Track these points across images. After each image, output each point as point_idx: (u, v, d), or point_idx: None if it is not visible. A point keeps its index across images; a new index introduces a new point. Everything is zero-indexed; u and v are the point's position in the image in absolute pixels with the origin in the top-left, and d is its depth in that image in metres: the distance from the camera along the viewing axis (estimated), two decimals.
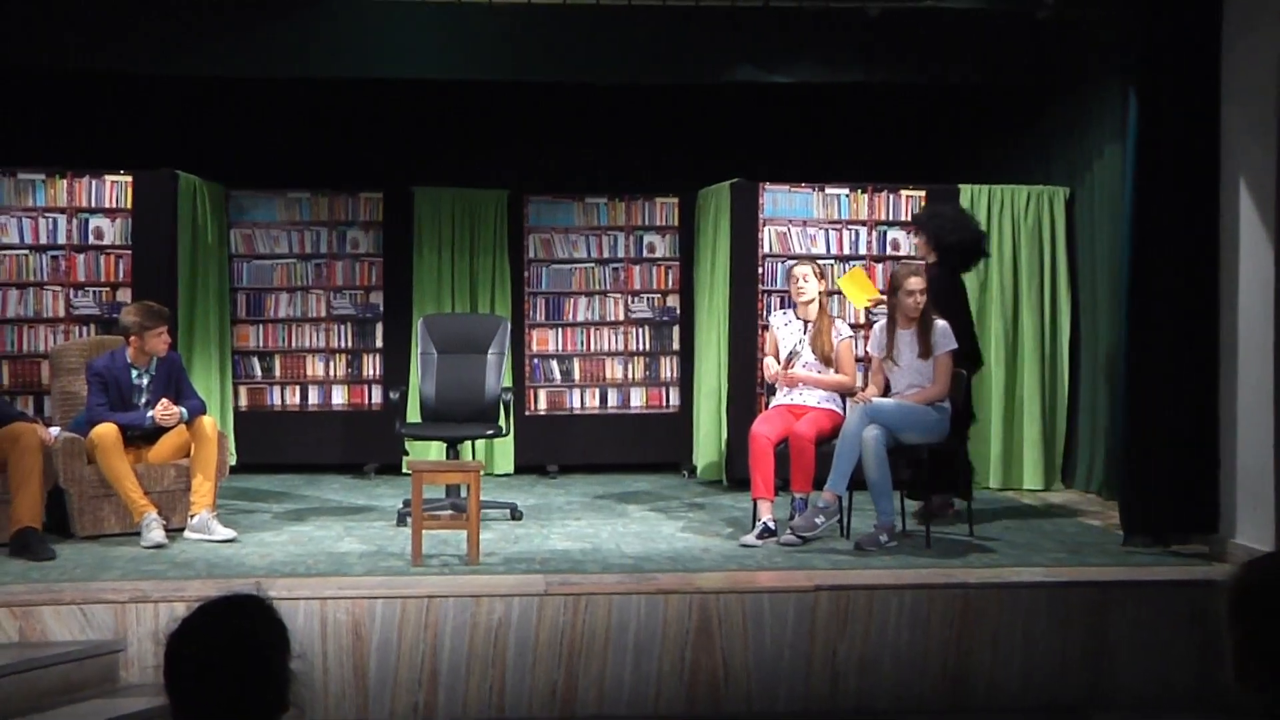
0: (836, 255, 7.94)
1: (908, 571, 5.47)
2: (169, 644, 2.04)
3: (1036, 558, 5.79)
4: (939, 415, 6.11)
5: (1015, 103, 8.54)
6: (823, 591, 5.14)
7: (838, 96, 8.72)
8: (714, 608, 5.07)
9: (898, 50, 7.59)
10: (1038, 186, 8.02)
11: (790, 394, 6.43)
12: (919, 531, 6.16)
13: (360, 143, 8.97)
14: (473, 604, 4.99)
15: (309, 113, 8.85)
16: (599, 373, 8.65)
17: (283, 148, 8.86)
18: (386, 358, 8.44)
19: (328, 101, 8.72)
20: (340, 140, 8.96)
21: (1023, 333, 7.93)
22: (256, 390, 8.44)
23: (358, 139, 8.98)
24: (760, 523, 6.09)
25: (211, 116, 8.78)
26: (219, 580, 5.21)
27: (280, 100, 8.68)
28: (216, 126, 8.81)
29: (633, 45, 7.50)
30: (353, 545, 5.99)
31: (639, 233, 8.67)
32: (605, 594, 5.06)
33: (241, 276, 8.40)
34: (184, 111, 8.73)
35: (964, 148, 9.15)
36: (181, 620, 2.05)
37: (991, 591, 5.23)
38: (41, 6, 7.11)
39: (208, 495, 6.05)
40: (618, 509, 7.15)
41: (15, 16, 7.11)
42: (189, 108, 8.70)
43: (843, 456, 5.97)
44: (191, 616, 2.06)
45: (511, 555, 5.78)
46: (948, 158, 9.15)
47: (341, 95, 8.61)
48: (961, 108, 9.00)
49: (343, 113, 8.87)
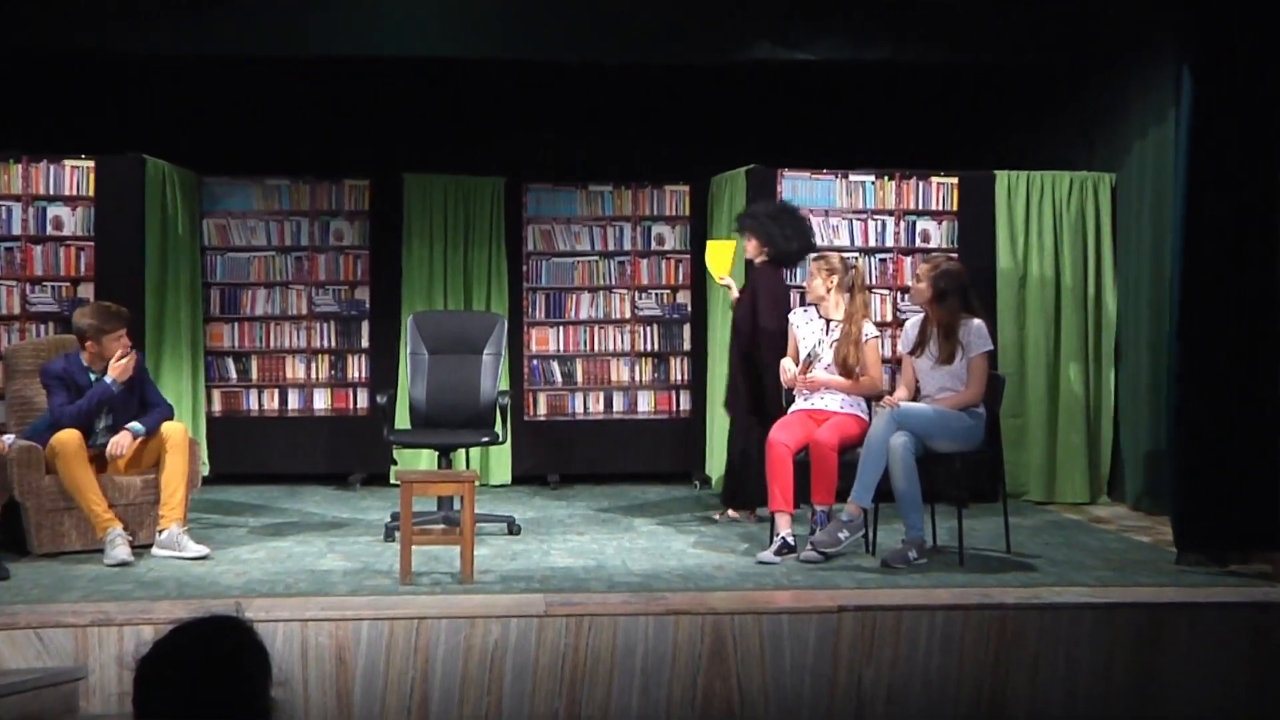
0: (861, 247, 7.94)
1: (940, 591, 5.45)
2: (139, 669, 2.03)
3: (1080, 576, 5.77)
4: (973, 421, 6.09)
5: (1053, 82, 8.52)
6: (847, 612, 5.12)
7: (863, 75, 8.71)
8: (728, 630, 5.05)
9: (928, 26, 7.57)
10: (1081, 173, 8.01)
11: (811, 398, 6.42)
12: (951, 547, 6.14)
13: (345, 125, 8.98)
14: (466, 626, 4.97)
15: (289, 93, 8.86)
16: (603, 375, 8.64)
17: (261, 131, 8.87)
18: (373, 359, 8.45)
19: (310, 80, 8.71)
20: (323, 123, 8.97)
21: (1065, 332, 7.92)
22: (231, 394, 8.44)
23: (342, 121, 8.98)
24: (778, 538, 6.08)
25: (183, 96, 8.78)
26: (190, 601, 5.18)
27: (258, 79, 8.68)
28: (188, 107, 8.81)
29: (640, 20, 7.49)
30: (336, 562, 5.98)
31: (647, 223, 8.67)
32: (610, 615, 5.04)
33: (215, 271, 8.41)
34: (152, 91, 8.73)
35: (998, 131, 9.14)
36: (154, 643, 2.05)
37: (1031, 613, 5.20)
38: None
39: (178, 508, 6.04)
40: (624, 523, 7.14)
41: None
42: (158, 87, 8.71)
43: (868, 466, 5.95)
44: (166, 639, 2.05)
45: (509, 573, 5.77)
46: (981, 141, 9.14)
47: (325, 73, 8.61)
48: (996, 88, 8.98)
49: (326, 93, 8.87)
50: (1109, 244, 7.95)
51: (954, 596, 5.34)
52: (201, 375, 8.27)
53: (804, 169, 7.92)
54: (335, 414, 8.51)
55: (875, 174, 7.98)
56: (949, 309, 6.14)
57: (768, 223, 6.99)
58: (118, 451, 6.05)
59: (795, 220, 7.08)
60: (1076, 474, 7.89)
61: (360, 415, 8.44)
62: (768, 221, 7.00)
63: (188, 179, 8.17)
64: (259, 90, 8.81)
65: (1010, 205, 7.96)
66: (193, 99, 8.80)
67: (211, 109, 8.84)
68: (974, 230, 7.97)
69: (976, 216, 7.98)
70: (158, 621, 4.79)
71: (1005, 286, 7.92)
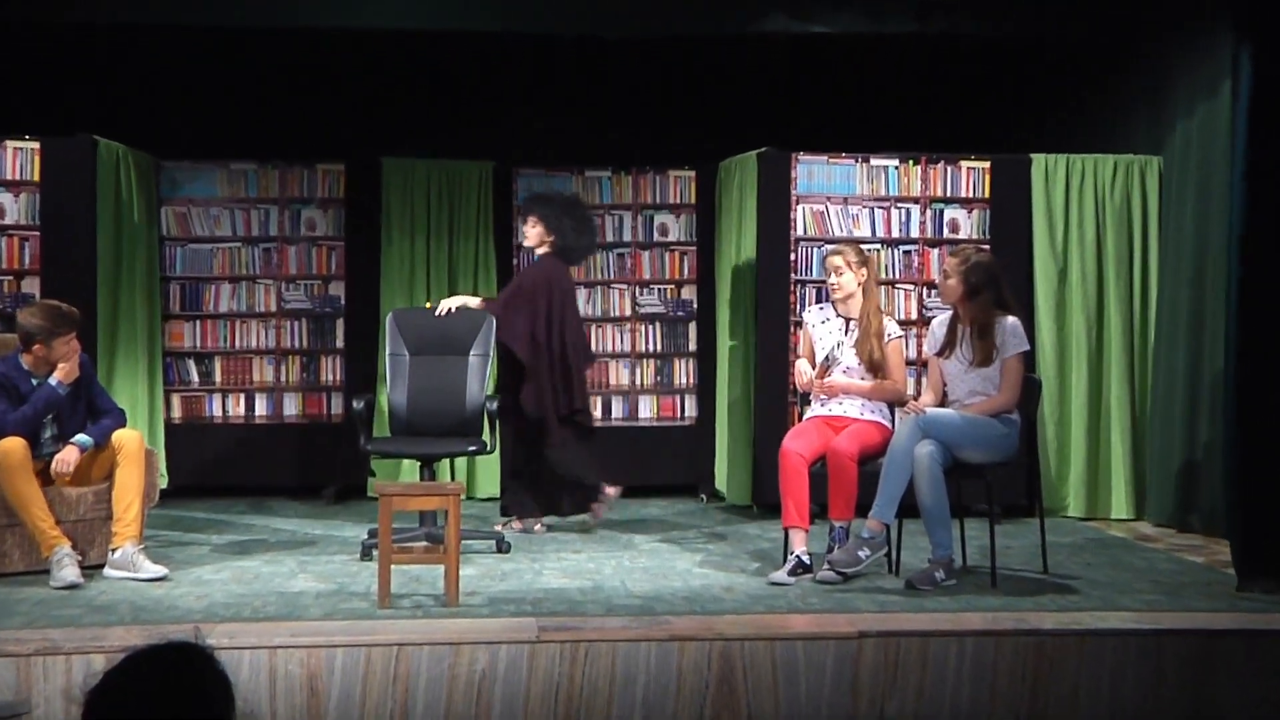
0: (884, 239, 7.93)
1: (970, 615, 5.44)
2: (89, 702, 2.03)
3: (1125, 600, 5.76)
4: (1006, 429, 6.08)
5: (1094, 55, 8.52)
6: (868, 639, 5.11)
7: (886, 50, 8.70)
8: (738, 657, 5.05)
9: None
10: (1126, 156, 8.00)
11: (829, 403, 6.41)
12: (983, 567, 6.13)
13: (318, 104, 8.98)
14: (451, 653, 4.97)
15: (257, 68, 8.86)
16: (601, 378, 8.63)
17: (225, 110, 8.87)
18: (348, 360, 8.44)
19: (280, 55, 8.71)
20: (294, 101, 8.96)
21: (1109, 331, 7.91)
22: (192, 399, 8.44)
23: (315, 100, 8.98)
24: (793, 556, 6.07)
25: (138, 71, 8.78)
26: (146, 627, 5.17)
27: (222, 53, 8.68)
28: (144, 83, 8.81)
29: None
30: (308, 584, 5.98)
31: (649, 212, 8.67)
32: (609, 641, 5.04)
33: (175, 263, 8.42)
34: (105, 65, 8.72)
35: (1034, 109, 9.13)
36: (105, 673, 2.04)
37: (1071, 640, 5.19)
38: None
39: (133, 525, 6.02)
40: (623, 540, 7.14)
41: None
42: (110, 60, 8.70)
43: (891, 478, 5.94)
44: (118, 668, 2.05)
45: (497, 595, 5.76)
46: (1015, 122, 9.13)
47: (297, 47, 8.62)
48: (1031, 62, 8.97)
49: (298, 68, 8.87)
50: (1156, 235, 7.94)
51: (986, 622, 5.33)
52: (159, 378, 8.26)
53: (820, 152, 7.91)
54: (307, 421, 8.50)
55: (899, 158, 7.97)
56: (981, 306, 6.13)
57: (560, 212, 7.28)
58: (64, 469, 6.00)
59: (586, 217, 7.46)
60: (1121, 487, 7.88)
61: (334, 422, 8.43)
62: (560, 211, 7.30)
63: (144, 163, 8.16)
64: (223, 65, 8.81)
65: (1048, 191, 7.95)
66: (150, 74, 8.80)
67: (171, 85, 8.83)
68: (1008, 219, 7.96)
69: (1011, 204, 7.97)
70: (109, 650, 4.76)
71: (1043, 281, 7.91)
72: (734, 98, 9.15)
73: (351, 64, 8.89)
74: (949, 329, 6.26)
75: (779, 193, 7.80)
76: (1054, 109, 9.03)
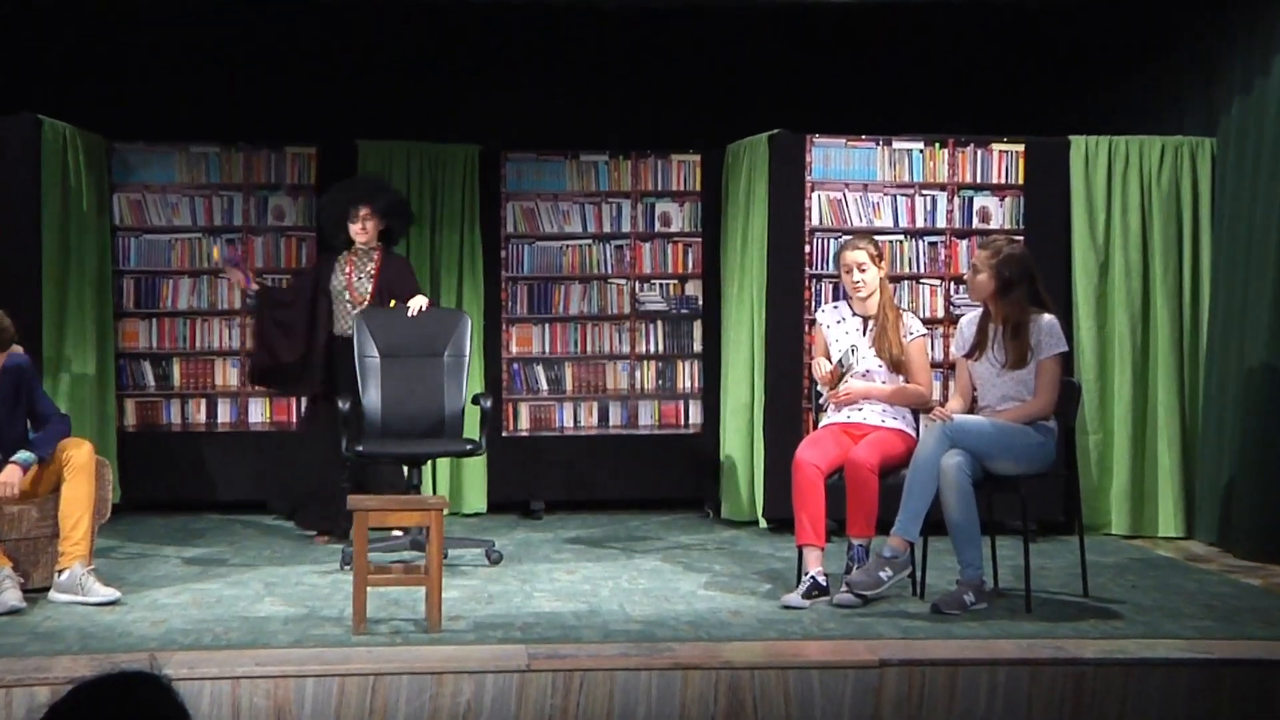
0: (907, 229, 7.93)
1: (1002, 642, 5.43)
2: None
3: (1174, 626, 5.76)
4: (1042, 437, 6.08)
5: (1137, 27, 8.51)
6: (890, 667, 5.11)
7: (909, 21, 8.70)
8: (747, 688, 5.04)
9: None
10: (1175, 138, 8.00)
11: (847, 410, 6.41)
12: (1016, 590, 6.13)
13: (287, 81, 8.97)
14: (433, 683, 4.96)
15: (219, 41, 8.84)
16: (597, 382, 8.64)
17: (184, 87, 8.87)
18: None
19: (245, 26, 8.71)
20: (261, 77, 8.96)
21: (1155, 330, 7.91)
22: (148, 405, 8.44)
23: (284, 76, 8.97)
24: (807, 578, 6.07)
25: (88, 44, 8.77)
26: (95, 656, 5.17)
27: (181, 23, 8.68)
28: (94, 57, 8.79)
29: None
30: (275, 607, 5.98)
31: (650, 200, 8.67)
32: (606, 670, 5.04)
33: (129, 256, 8.41)
34: (50, 37, 8.70)
35: (1074, 87, 9.13)
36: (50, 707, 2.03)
37: (1114, 670, 5.19)
38: None
39: (81, 544, 6.01)
40: (622, 559, 7.15)
41: None
42: (57, 32, 8.68)
43: (915, 491, 5.94)
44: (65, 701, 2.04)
45: (484, 619, 5.76)
46: (1051, 100, 9.14)
47: (263, 19, 8.62)
48: (1071, 34, 8.97)
49: (264, 42, 8.86)
50: (1208, 224, 7.93)
51: (1020, 650, 5.33)
52: (112, 382, 8.25)
53: (838, 134, 7.91)
54: (274, 428, 8.49)
55: (924, 140, 7.97)
56: (1015, 303, 6.12)
57: (402, 210, 7.58)
58: (6, 494, 5.96)
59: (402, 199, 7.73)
60: (1169, 502, 7.87)
61: None
62: (402, 209, 7.59)
63: (94, 145, 8.16)
64: (182, 36, 8.79)
65: (1088, 177, 7.96)
66: (100, 47, 8.78)
67: (124, 59, 8.82)
68: (1044, 208, 7.96)
69: (1047, 191, 7.97)
70: (55, 682, 4.76)
71: (1082, 275, 7.91)
72: (743, 74, 9.15)
73: (324, 36, 8.89)
74: (979, 328, 6.26)
75: (792, 179, 7.79)
76: (1095, 85, 9.03)
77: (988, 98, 9.14)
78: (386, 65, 9.05)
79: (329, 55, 8.99)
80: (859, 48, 9.10)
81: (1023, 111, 8.96)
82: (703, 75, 9.16)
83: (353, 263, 7.44)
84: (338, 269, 7.47)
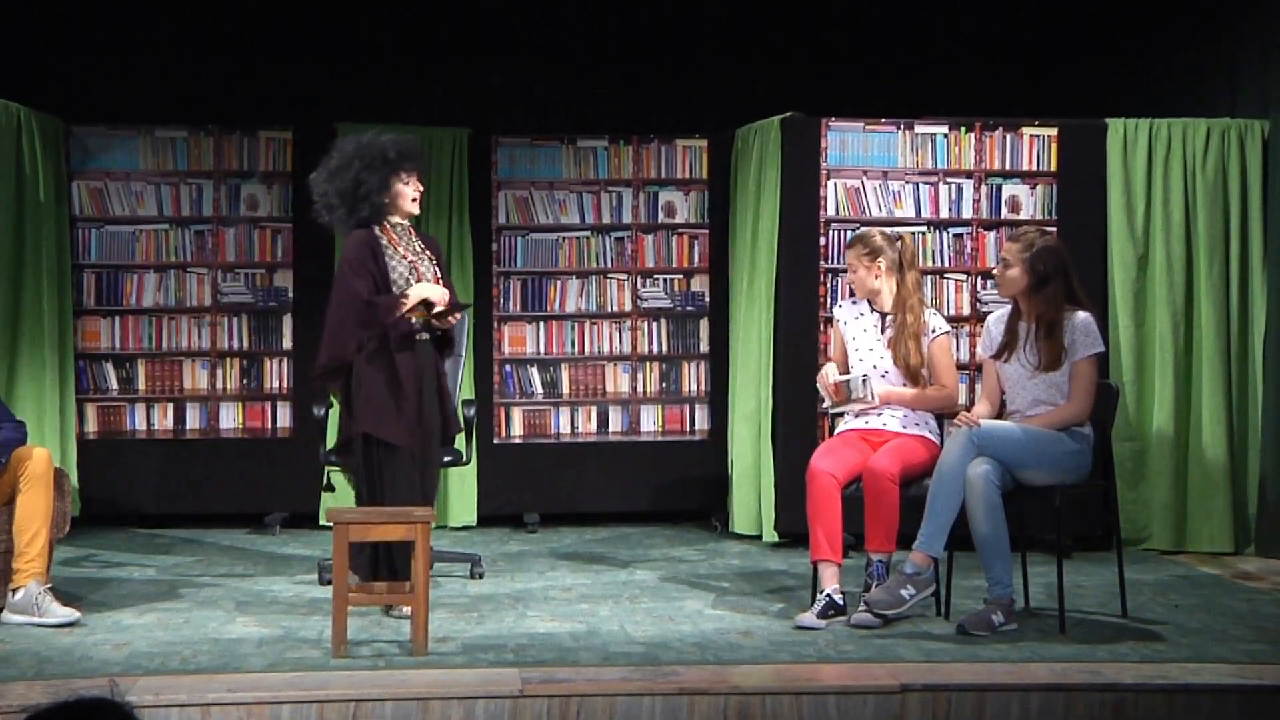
0: (930, 220, 7.94)
1: (1034, 666, 5.44)
2: None
3: (1221, 649, 5.76)
4: (1076, 445, 6.08)
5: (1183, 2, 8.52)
6: (912, 693, 5.12)
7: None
8: (758, 713, 5.05)
9: None
10: (1222, 120, 8.01)
11: (865, 414, 6.42)
12: (1049, 609, 6.14)
13: (262, 60, 8.98)
14: (419, 710, 4.97)
15: (188, 17, 8.86)
16: (596, 385, 8.65)
17: (148, 66, 8.87)
18: (298, 363, 8.44)
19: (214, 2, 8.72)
20: (233, 56, 8.97)
21: (1199, 328, 7.91)
22: (111, 410, 8.45)
23: (258, 54, 8.99)
24: (823, 596, 6.07)
25: (43, 20, 8.77)
26: (53, 682, 5.16)
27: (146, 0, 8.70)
28: (51, 33, 8.80)
29: None
30: (248, 629, 5.98)
31: (653, 188, 8.68)
32: (605, 695, 5.05)
33: (89, 249, 8.42)
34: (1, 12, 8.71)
35: (1111, 66, 9.14)
36: None
37: (1156, 697, 5.19)
38: None
39: (37, 560, 6.01)
40: (622, 576, 7.16)
41: None
42: (8, 5, 8.67)
43: (939, 502, 5.95)
44: None
45: (474, 641, 5.77)
46: (1086, 80, 9.14)
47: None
48: (1106, 9, 8.97)
49: (237, 17, 8.88)
50: (1258, 213, 7.94)
51: (1053, 674, 5.33)
52: (71, 385, 8.27)
53: (856, 118, 7.93)
54: (248, 435, 8.51)
55: (949, 124, 7.99)
56: (1048, 299, 6.13)
57: (329, 187, 6.32)
58: None
59: (361, 155, 6.33)
60: (1215, 515, 7.87)
61: (280, 437, 8.44)
62: (329, 185, 6.32)
63: (50, 128, 8.17)
64: (147, 13, 8.82)
65: (1127, 163, 7.97)
66: (57, 21, 8.79)
67: (83, 35, 8.83)
68: (1079, 196, 7.97)
69: (1082, 178, 7.98)
70: (8, 710, 4.77)
71: (1120, 269, 7.93)
72: (754, 51, 9.16)
73: (301, 9, 8.90)
74: (1008, 327, 6.26)
75: (806, 165, 7.82)
76: (1135, 63, 9.03)
77: (1018, 77, 9.14)
78: (368, 42, 9.07)
79: (306, 31, 9.00)
80: (878, 24, 9.11)
81: (1056, 92, 8.98)
82: (710, 53, 9.16)
83: (396, 244, 6.39)
84: (386, 257, 6.33)
